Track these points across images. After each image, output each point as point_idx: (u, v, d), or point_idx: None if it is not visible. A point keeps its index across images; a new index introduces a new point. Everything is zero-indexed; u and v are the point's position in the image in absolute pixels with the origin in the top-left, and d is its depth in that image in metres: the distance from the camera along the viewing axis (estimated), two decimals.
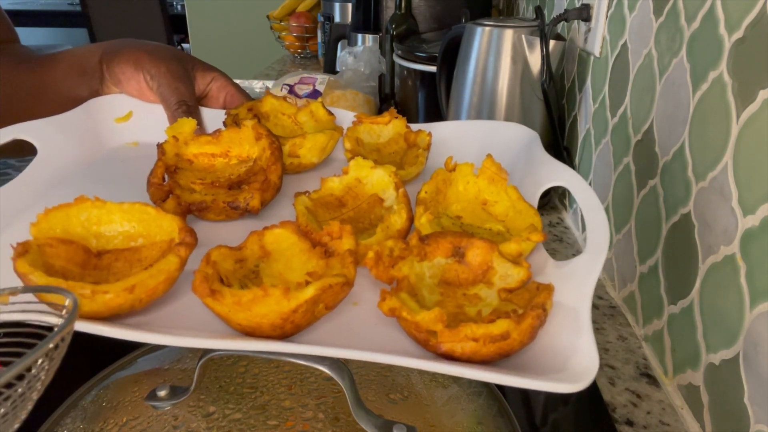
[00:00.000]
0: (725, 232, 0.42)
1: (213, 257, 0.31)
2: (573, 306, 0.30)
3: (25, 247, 0.29)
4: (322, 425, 0.31)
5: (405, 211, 0.37)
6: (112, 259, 0.33)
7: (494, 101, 0.80)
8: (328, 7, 1.62)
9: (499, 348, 0.27)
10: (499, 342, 0.27)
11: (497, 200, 0.39)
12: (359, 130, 0.49)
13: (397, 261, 0.32)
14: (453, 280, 0.34)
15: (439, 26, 1.22)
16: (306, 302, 0.28)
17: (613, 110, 0.67)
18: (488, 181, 0.39)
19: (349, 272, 0.30)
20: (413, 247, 0.34)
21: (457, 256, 0.34)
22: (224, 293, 0.28)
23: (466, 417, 0.34)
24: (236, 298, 0.27)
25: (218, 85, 0.55)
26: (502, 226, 0.38)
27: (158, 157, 0.41)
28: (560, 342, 0.29)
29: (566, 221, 0.83)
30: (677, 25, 0.51)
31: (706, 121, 0.46)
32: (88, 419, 0.33)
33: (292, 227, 0.34)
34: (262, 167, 0.41)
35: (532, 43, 0.76)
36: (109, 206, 0.34)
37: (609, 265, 0.65)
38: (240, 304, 0.27)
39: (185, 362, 0.37)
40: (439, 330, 0.27)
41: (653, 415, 0.47)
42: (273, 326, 0.28)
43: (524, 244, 0.34)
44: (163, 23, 3.33)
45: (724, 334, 0.41)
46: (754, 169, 0.39)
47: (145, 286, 0.29)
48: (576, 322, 0.29)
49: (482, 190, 0.39)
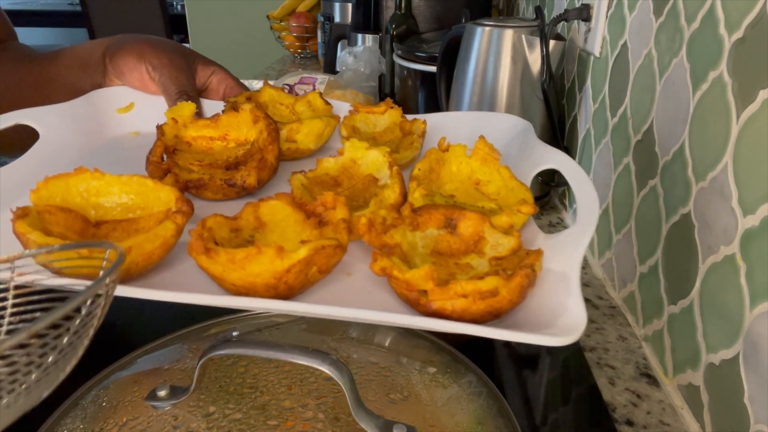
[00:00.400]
0: (725, 232, 0.42)
1: (209, 224, 0.31)
2: (562, 271, 0.30)
3: (24, 211, 0.30)
4: (322, 425, 0.31)
5: (398, 186, 0.37)
6: (110, 229, 0.34)
7: (494, 101, 0.80)
8: (328, 7, 1.62)
9: (489, 306, 0.28)
10: (488, 299, 0.27)
11: (489, 180, 0.39)
12: (356, 119, 0.50)
13: (390, 229, 0.33)
14: (445, 251, 0.34)
15: (439, 26, 1.22)
16: (299, 262, 0.28)
17: (613, 110, 0.67)
18: (481, 162, 0.40)
19: (342, 237, 0.31)
20: (406, 217, 0.34)
21: (449, 227, 0.34)
22: (218, 251, 0.28)
23: (466, 417, 0.34)
24: (230, 255, 0.28)
25: (218, 78, 0.56)
26: (494, 204, 0.39)
27: (158, 137, 0.41)
28: (549, 303, 0.29)
29: (566, 221, 0.83)
30: (677, 25, 0.51)
31: (706, 121, 0.46)
32: (88, 419, 0.33)
33: (287, 199, 0.35)
34: (259, 147, 0.41)
35: (532, 43, 0.76)
36: (108, 178, 0.34)
37: (609, 265, 0.65)
38: (234, 262, 0.28)
39: (185, 362, 0.37)
40: (429, 288, 0.28)
41: (653, 415, 0.47)
42: (267, 286, 0.28)
43: (515, 217, 0.35)
44: (163, 23, 3.33)
45: (724, 334, 0.41)
46: (754, 169, 0.39)
47: (141, 249, 0.29)
48: (565, 285, 0.29)
49: (475, 171, 0.40)
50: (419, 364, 0.38)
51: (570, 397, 0.49)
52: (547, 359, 0.54)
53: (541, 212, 0.85)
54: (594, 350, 0.55)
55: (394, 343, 0.41)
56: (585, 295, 0.64)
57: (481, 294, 0.27)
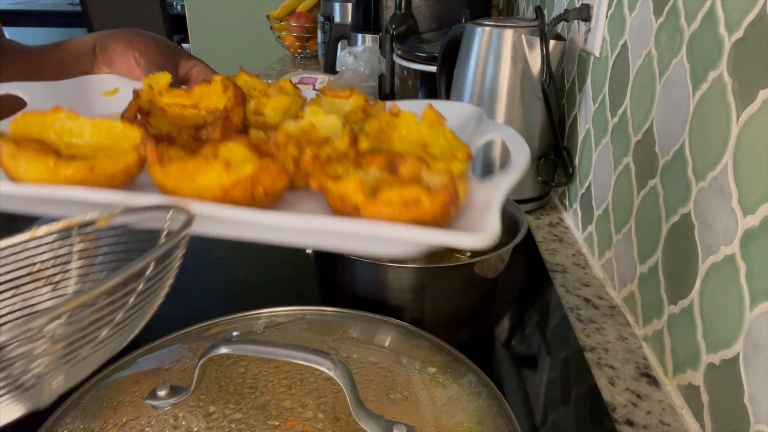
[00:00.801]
0: (725, 232, 0.42)
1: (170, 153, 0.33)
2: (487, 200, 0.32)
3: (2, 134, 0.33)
4: (322, 425, 0.31)
5: (348, 138, 0.39)
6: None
7: (494, 101, 0.80)
8: (328, 7, 1.62)
9: (413, 217, 0.30)
10: (413, 209, 0.30)
11: (435, 142, 0.42)
12: (322, 101, 0.52)
13: (333, 163, 0.35)
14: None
15: (439, 26, 1.22)
16: (245, 178, 0.30)
17: (613, 110, 0.67)
18: (428, 127, 0.42)
19: (288, 163, 0.34)
20: (350, 156, 0.37)
21: (390, 169, 0.36)
22: (172, 162, 0.31)
23: (466, 417, 0.34)
24: (181, 166, 0.31)
25: (198, 70, 0.59)
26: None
27: (133, 99, 0.44)
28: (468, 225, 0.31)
29: (566, 221, 0.83)
30: (677, 25, 0.51)
31: (706, 121, 0.46)
32: (88, 419, 0.33)
33: (244, 141, 0.36)
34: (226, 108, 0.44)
35: (532, 43, 0.76)
36: (81, 120, 0.37)
37: (609, 265, 0.65)
38: (185, 173, 0.30)
39: (185, 362, 0.37)
40: (360, 201, 0.30)
41: (653, 415, 0.47)
42: (214, 200, 0.30)
43: (452, 164, 0.36)
44: (163, 23, 3.33)
45: (724, 335, 0.41)
46: (754, 169, 0.39)
47: (104, 169, 0.31)
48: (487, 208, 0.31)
49: (423, 135, 0.42)
50: (419, 364, 0.38)
51: (570, 397, 0.49)
52: (547, 359, 0.54)
53: (541, 212, 0.86)
54: (594, 350, 0.55)
55: (394, 343, 0.41)
56: (585, 295, 0.64)
57: (405, 202, 0.30)
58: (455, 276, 0.50)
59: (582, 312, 0.61)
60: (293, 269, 0.67)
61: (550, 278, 0.67)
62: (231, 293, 0.66)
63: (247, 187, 0.31)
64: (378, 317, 0.43)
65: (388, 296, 0.50)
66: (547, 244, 0.76)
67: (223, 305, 0.63)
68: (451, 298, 0.51)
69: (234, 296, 0.66)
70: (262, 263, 0.71)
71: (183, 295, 0.63)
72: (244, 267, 0.70)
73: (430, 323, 0.51)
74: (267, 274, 0.69)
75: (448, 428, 0.33)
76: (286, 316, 0.43)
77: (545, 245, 0.76)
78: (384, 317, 0.43)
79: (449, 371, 0.38)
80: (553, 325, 0.60)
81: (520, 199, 0.82)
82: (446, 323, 0.52)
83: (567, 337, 0.57)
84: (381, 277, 0.50)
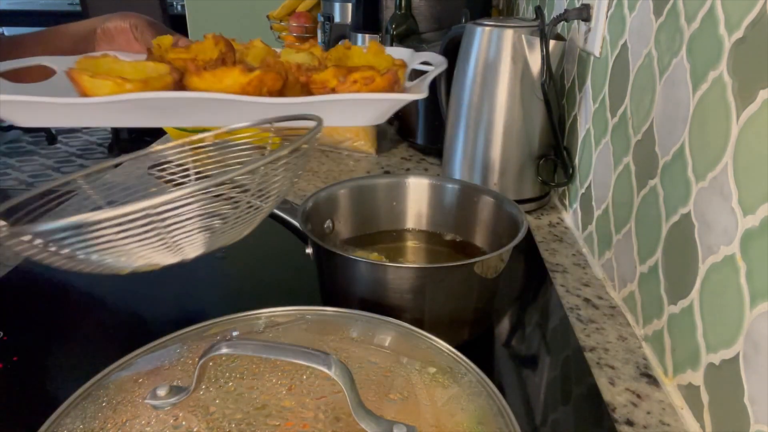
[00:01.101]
0: (725, 232, 0.42)
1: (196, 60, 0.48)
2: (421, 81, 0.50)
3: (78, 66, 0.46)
4: (322, 425, 0.31)
5: (317, 61, 0.53)
6: None
7: (494, 101, 0.80)
8: (328, 7, 1.62)
9: (370, 90, 0.46)
10: (370, 85, 0.46)
11: (380, 63, 0.54)
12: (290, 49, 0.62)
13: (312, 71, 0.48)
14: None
15: (439, 26, 1.22)
16: (256, 77, 0.44)
17: (613, 110, 0.67)
18: (374, 55, 0.55)
19: (281, 68, 0.47)
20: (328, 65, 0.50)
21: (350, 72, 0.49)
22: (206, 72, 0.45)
23: (466, 417, 0.34)
24: (213, 72, 0.45)
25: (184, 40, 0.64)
26: None
27: (147, 56, 0.55)
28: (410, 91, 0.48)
29: (566, 221, 0.83)
30: (677, 25, 0.51)
31: (706, 121, 0.46)
32: (88, 419, 0.33)
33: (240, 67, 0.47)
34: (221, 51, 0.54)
35: (532, 43, 0.76)
36: (122, 61, 0.49)
37: (609, 265, 0.65)
38: (215, 76, 0.44)
39: (185, 362, 0.37)
40: (336, 84, 0.46)
41: (653, 415, 0.47)
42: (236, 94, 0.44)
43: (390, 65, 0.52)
44: (163, 23, 3.33)
45: (724, 334, 0.41)
46: (754, 169, 0.39)
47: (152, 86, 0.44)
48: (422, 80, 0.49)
49: (370, 60, 0.55)
50: (419, 364, 0.38)
51: (570, 397, 0.49)
52: (547, 359, 0.54)
53: (541, 212, 0.86)
54: (594, 350, 0.55)
55: (394, 344, 0.41)
56: (585, 295, 0.64)
57: (364, 79, 0.45)
58: (455, 276, 0.50)
59: (582, 312, 0.61)
60: (293, 269, 0.67)
61: (550, 278, 0.67)
62: (231, 293, 0.67)
63: (257, 85, 0.44)
64: (378, 317, 0.43)
65: (388, 296, 0.50)
66: (547, 244, 0.76)
67: (223, 305, 0.63)
68: (451, 298, 0.51)
69: (234, 296, 0.66)
70: (262, 263, 0.71)
71: (183, 295, 0.63)
72: (244, 267, 0.70)
73: (430, 323, 0.51)
74: (267, 274, 0.69)
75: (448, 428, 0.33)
76: (286, 316, 0.43)
77: (545, 245, 0.76)
78: (384, 317, 0.43)
79: (449, 371, 0.38)
80: (553, 325, 0.60)
81: (520, 199, 0.82)
82: (446, 323, 0.52)
83: (567, 337, 0.57)
84: (381, 277, 0.49)
